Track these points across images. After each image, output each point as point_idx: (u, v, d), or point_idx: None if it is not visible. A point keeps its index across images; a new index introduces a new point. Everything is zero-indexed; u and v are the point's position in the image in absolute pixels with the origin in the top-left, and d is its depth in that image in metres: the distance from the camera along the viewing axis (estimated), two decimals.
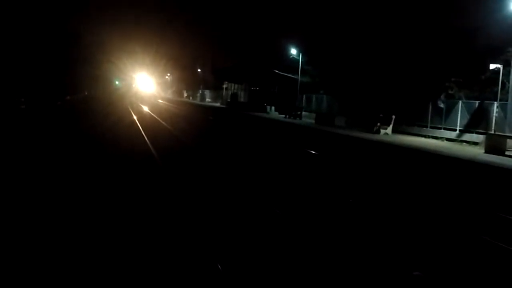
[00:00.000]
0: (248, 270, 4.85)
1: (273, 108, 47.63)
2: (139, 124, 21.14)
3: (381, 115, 27.98)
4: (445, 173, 14.67)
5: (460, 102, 25.36)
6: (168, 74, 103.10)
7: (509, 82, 23.35)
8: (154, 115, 29.72)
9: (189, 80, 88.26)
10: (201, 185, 8.93)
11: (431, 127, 26.92)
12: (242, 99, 56.97)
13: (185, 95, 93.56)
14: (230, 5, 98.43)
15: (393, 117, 27.79)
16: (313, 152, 15.97)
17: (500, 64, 22.76)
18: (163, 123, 23.76)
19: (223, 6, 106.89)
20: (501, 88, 22.68)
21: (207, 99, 78.06)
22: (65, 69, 40.55)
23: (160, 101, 63.89)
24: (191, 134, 19.23)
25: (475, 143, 22.93)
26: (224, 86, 66.23)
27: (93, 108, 34.67)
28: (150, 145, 13.71)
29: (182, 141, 16.39)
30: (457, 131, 25.03)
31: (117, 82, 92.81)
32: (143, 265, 4.76)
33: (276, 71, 51.15)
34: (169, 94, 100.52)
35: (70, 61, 41.71)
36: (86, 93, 57.36)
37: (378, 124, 27.66)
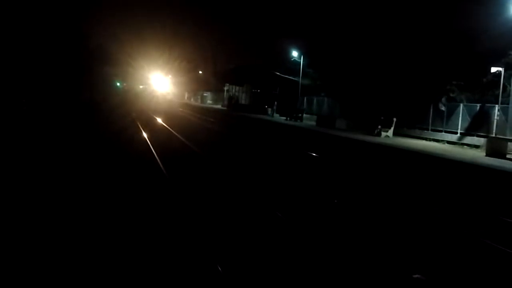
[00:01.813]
0: (248, 270, 4.85)
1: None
2: (137, 121, 21.18)
3: (382, 117, 27.98)
4: (446, 176, 14.66)
5: (461, 105, 25.36)
6: (170, 76, 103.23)
7: (510, 85, 23.36)
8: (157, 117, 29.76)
9: (190, 81, 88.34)
10: (202, 186, 8.93)
11: (432, 130, 26.93)
12: (243, 101, 57.02)
13: (186, 96, 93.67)
14: (231, 8, 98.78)
15: (394, 119, 27.80)
16: (313, 154, 15.96)
17: (502, 67, 22.79)
18: (163, 123, 23.80)
19: (225, 9, 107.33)
20: (502, 91, 22.69)
21: (208, 101, 78.21)
22: (71, 71, 40.52)
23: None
24: (192, 135, 19.21)
25: (476, 146, 22.93)
26: (226, 88, 66.30)
27: (94, 108, 34.69)
28: (147, 139, 13.77)
29: (182, 140, 16.39)
30: (458, 134, 25.02)
31: (118, 84, 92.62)
32: (145, 268, 4.77)
33: (278, 73, 51.26)
34: (170, 96, 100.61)
35: (76, 63, 41.66)
36: (90, 96, 57.10)
37: (379, 126, 27.66)
